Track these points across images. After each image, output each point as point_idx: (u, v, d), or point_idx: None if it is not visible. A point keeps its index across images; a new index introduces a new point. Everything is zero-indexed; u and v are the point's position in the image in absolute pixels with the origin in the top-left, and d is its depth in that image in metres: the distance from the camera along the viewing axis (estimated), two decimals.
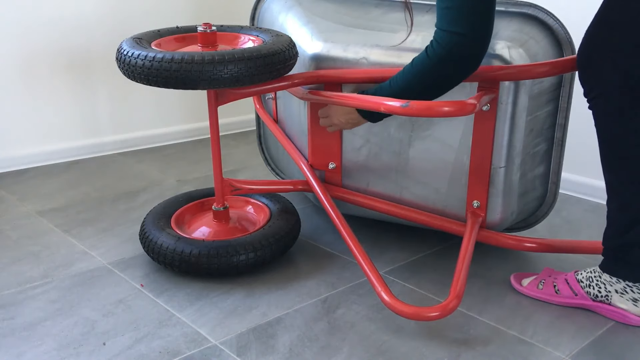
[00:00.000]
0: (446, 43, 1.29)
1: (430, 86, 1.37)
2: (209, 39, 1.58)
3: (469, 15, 1.27)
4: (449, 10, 1.27)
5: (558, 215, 2.00)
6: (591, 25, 1.34)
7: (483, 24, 1.28)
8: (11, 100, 2.32)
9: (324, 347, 1.33)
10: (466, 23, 1.27)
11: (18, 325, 1.39)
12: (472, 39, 1.28)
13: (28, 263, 1.67)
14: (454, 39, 1.28)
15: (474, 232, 1.54)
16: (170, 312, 1.45)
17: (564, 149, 1.63)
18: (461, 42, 1.28)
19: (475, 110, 1.32)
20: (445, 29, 1.29)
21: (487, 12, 1.28)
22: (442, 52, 1.30)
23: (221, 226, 1.70)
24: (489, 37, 1.30)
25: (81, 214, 1.98)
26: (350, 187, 1.74)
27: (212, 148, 1.64)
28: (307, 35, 1.66)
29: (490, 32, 1.30)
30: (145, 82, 1.44)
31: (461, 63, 1.32)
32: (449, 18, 1.28)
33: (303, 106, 1.72)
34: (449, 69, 1.33)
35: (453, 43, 1.28)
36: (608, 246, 1.42)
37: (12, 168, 2.36)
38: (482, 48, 1.31)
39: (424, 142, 1.60)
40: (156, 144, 2.71)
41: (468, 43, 1.28)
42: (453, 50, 1.29)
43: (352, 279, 1.61)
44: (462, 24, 1.27)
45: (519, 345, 1.34)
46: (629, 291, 1.40)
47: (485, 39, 1.30)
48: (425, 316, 1.35)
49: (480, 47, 1.31)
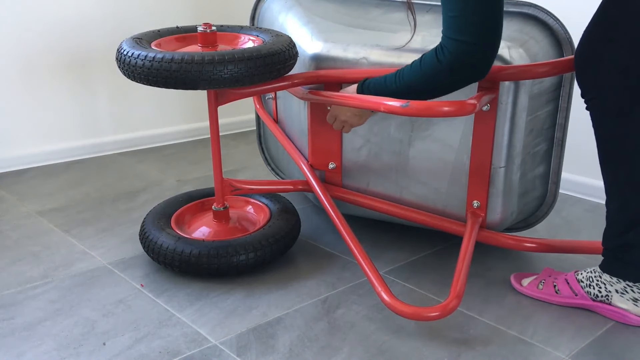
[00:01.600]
0: (455, 51, 1.27)
1: (437, 88, 1.36)
2: (209, 39, 1.58)
3: (477, 24, 1.25)
4: (456, 19, 1.26)
5: (558, 215, 2.00)
6: (589, 26, 1.33)
7: (491, 32, 1.27)
8: (11, 101, 2.32)
9: (324, 347, 1.33)
10: (474, 31, 1.25)
11: (18, 325, 1.39)
12: (480, 47, 1.27)
13: (28, 263, 1.67)
14: (463, 47, 1.26)
15: (474, 232, 1.54)
16: (170, 312, 1.45)
17: (564, 149, 1.63)
18: (470, 51, 1.27)
19: (475, 110, 1.32)
20: (454, 37, 1.27)
21: (495, 20, 1.27)
22: (452, 60, 1.28)
23: (221, 226, 1.70)
24: (497, 43, 1.28)
25: (81, 214, 1.98)
26: (350, 187, 1.74)
27: (212, 148, 1.64)
28: (307, 35, 1.66)
29: (498, 38, 1.28)
30: (145, 82, 1.44)
31: (471, 70, 1.31)
32: (456, 26, 1.26)
33: (303, 106, 1.72)
34: (459, 75, 1.31)
35: (462, 51, 1.27)
36: (608, 246, 1.42)
37: (12, 168, 2.36)
38: (491, 55, 1.30)
39: (424, 142, 1.60)
40: (156, 144, 2.71)
41: (477, 51, 1.27)
42: (462, 58, 1.28)
43: (352, 279, 1.61)
44: (470, 33, 1.25)
45: (519, 345, 1.34)
46: (629, 291, 1.40)
47: (494, 46, 1.28)
48: (425, 316, 1.35)
49: (489, 54, 1.29)
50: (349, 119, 1.58)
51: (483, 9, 1.25)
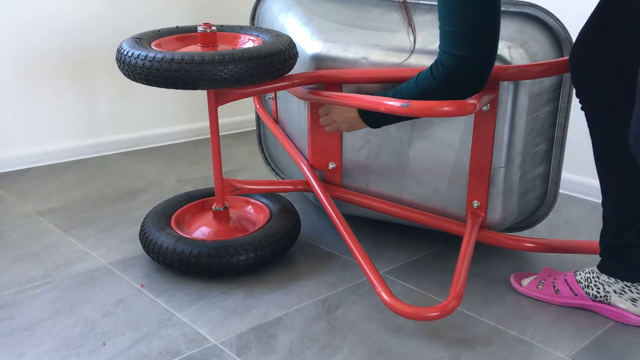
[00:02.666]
0: (450, 65, 1.28)
1: None
2: (209, 39, 1.58)
3: (472, 39, 1.25)
4: (452, 34, 1.26)
5: (558, 215, 2.00)
6: (585, 26, 1.33)
7: (486, 46, 1.27)
8: (11, 100, 2.32)
9: (324, 347, 1.33)
10: (469, 46, 1.25)
11: (18, 325, 1.39)
12: (475, 61, 1.27)
13: (28, 263, 1.67)
14: (457, 61, 1.27)
15: (474, 232, 1.54)
16: (170, 312, 1.45)
17: (564, 149, 1.63)
18: (465, 65, 1.27)
19: (475, 110, 1.32)
20: (449, 52, 1.27)
21: (491, 34, 1.27)
22: (447, 73, 1.29)
23: (221, 226, 1.70)
24: (493, 58, 1.29)
25: (81, 214, 1.98)
26: (350, 187, 1.74)
27: (212, 148, 1.64)
28: (307, 35, 1.66)
29: (494, 53, 1.28)
30: (145, 82, 1.44)
31: (465, 84, 1.31)
32: (452, 41, 1.26)
33: (303, 106, 1.72)
34: (453, 89, 1.32)
35: (456, 65, 1.27)
36: (605, 247, 1.42)
37: (12, 168, 2.36)
38: (485, 69, 1.30)
39: (424, 142, 1.60)
40: (156, 144, 2.71)
41: (472, 66, 1.27)
42: (457, 72, 1.28)
43: (352, 279, 1.61)
44: (465, 47, 1.25)
45: (519, 345, 1.34)
46: (627, 291, 1.40)
47: (489, 60, 1.29)
48: (425, 316, 1.35)
49: (483, 68, 1.29)
50: (340, 122, 1.58)
51: (480, 25, 1.24)
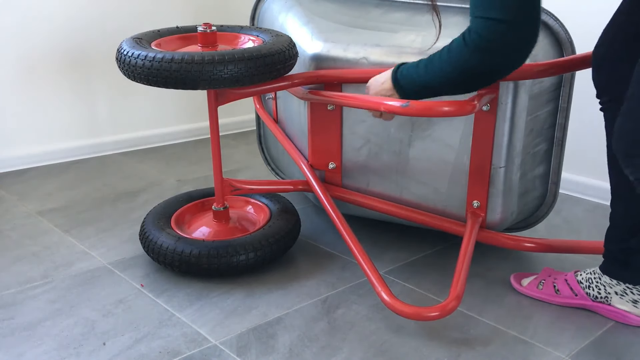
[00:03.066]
0: (485, 32, 1.11)
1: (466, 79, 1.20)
2: (209, 39, 1.58)
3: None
4: None
5: (558, 215, 2.00)
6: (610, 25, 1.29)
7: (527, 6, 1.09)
8: (11, 100, 2.32)
9: (324, 347, 1.33)
10: (507, 7, 1.08)
11: (18, 325, 1.39)
12: (515, 25, 1.09)
13: (28, 263, 1.67)
14: (494, 26, 1.10)
15: (474, 232, 1.54)
16: (170, 312, 1.45)
17: (564, 149, 1.63)
18: (503, 30, 1.09)
19: (475, 110, 1.32)
20: (483, 15, 1.10)
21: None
22: (481, 42, 1.12)
23: (221, 226, 1.70)
24: (536, 21, 1.11)
25: (81, 214, 1.98)
26: (350, 187, 1.74)
27: (212, 148, 1.64)
28: (307, 35, 1.66)
29: (537, 15, 1.10)
30: (145, 82, 1.44)
31: (505, 54, 1.13)
32: (486, 3, 1.10)
33: (303, 106, 1.72)
34: (491, 60, 1.14)
35: (493, 31, 1.10)
36: (610, 248, 1.42)
37: (12, 168, 2.36)
38: (528, 34, 1.11)
39: (424, 142, 1.60)
40: (156, 144, 2.71)
41: (511, 31, 1.10)
42: (494, 39, 1.11)
43: (352, 279, 1.61)
44: (501, 9, 1.08)
45: (519, 345, 1.34)
46: (628, 293, 1.40)
47: (531, 23, 1.11)
48: (425, 316, 1.35)
49: (526, 33, 1.11)
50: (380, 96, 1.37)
51: None
